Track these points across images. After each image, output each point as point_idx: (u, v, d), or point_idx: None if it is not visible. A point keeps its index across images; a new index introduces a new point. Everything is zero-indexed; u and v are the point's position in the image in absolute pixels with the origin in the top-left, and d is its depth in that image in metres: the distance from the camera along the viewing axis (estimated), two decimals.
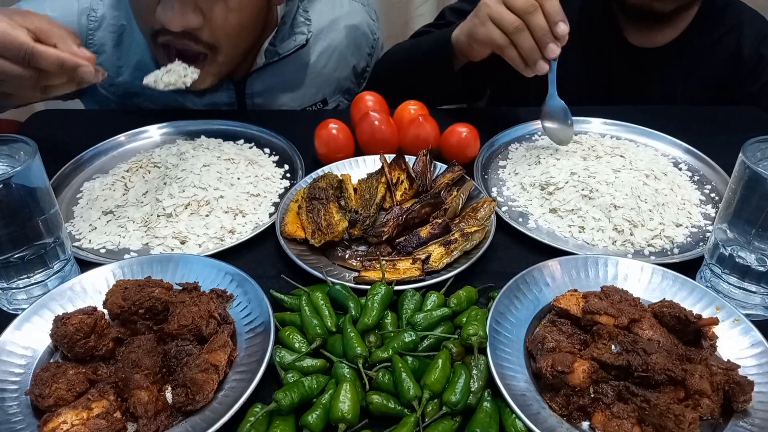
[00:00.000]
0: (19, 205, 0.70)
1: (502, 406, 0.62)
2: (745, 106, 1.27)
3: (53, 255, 0.76)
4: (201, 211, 0.91)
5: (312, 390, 0.63)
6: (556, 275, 0.76)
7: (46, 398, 0.61)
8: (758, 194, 0.69)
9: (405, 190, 0.92)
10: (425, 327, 0.70)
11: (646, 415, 0.59)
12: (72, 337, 0.65)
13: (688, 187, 0.99)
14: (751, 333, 0.69)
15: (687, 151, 1.08)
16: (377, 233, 0.84)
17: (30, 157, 0.70)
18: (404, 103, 1.10)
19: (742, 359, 0.66)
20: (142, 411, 0.60)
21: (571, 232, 0.89)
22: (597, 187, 0.93)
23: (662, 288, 0.76)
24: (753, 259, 0.72)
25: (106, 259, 0.83)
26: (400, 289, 0.75)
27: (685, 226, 0.91)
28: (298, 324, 0.72)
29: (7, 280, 0.74)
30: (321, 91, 1.32)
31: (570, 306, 0.70)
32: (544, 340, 0.66)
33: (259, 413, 0.60)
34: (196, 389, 0.61)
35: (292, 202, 0.91)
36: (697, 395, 0.60)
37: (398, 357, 0.65)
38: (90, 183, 1.00)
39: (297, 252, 0.82)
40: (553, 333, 0.67)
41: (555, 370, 0.61)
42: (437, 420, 0.61)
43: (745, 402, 0.61)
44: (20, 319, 0.70)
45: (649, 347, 0.63)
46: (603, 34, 1.26)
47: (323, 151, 1.04)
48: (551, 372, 0.62)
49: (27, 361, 0.67)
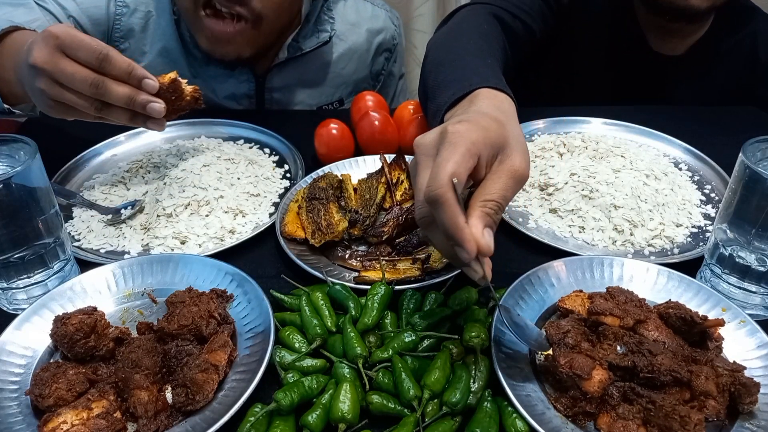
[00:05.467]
0: (19, 205, 0.70)
1: (502, 406, 0.62)
2: (745, 106, 1.27)
3: (53, 255, 0.76)
4: (201, 211, 0.91)
5: (312, 390, 0.63)
6: (561, 276, 0.76)
7: (46, 398, 0.61)
8: (758, 194, 0.69)
9: (405, 190, 0.92)
10: (425, 327, 0.70)
11: (651, 416, 0.59)
12: (72, 337, 0.65)
13: (689, 187, 0.99)
14: (757, 334, 0.68)
15: (687, 151, 1.08)
16: (377, 233, 0.84)
17: (30, 157, 0.70)
18: (404, 103, 1.10)
19: (748, 360, 0.66)
20: (142, 411, 0.60)
21: (571, 232, 0.89)
22: (597, 187, 0.93)
23: (668, 289, 0.76)
24: (753, 259, 0.72)
25: (106, 259, 0.83)
26: (400, 289, 0.75)
27: (685, 226, 0.91)
28: (298, 324, 0.72)
29: (7, 280, 0.74)
30: (338, 91, 1.35)
31: (575, 307, 0.70)
32: (567, 333, 0.64)
33: (259, 413, 0.60)
34: (196, 389, 0.61)
35: (292, 202, 0.91)
36: (702, 396, 0.60)
37: (398, 357, 0.65)
38: (90, 183, 1.00)
39: (297, 252, 0.82)
40: (576, 330, 0.66)
41: (573, 372, 0.60)
42: (437, 420, 0.61)
43: (751, 403, 0.61)
44: (20, 319, 0.70)
45: (655, 348, 0.62)
46: (627, 41, 1.26)
47: (323, 151, 1.04)
48: (568, 372, 0.61)
49: (27, 361, 0.67)
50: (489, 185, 0.60)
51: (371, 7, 1.37)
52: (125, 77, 0.80)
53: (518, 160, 0.62)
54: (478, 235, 0.57)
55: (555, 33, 1.23)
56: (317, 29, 1.26)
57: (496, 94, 0.74)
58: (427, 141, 0.62)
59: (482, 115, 0.66)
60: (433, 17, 2.29)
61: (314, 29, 1.26)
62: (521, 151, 0.63)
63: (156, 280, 0.78)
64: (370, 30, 1.35)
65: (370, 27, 1.35)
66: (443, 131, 0.61)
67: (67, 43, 0.76)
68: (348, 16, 1.32)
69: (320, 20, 1.27)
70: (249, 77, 1.26)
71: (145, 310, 0.75)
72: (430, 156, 0.61)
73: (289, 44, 1.23)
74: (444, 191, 0.56)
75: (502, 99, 0.74)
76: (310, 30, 1.26)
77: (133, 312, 0.75)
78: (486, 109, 0.70)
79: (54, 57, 0.77)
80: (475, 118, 0.64)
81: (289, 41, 1.22)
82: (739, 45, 1.26)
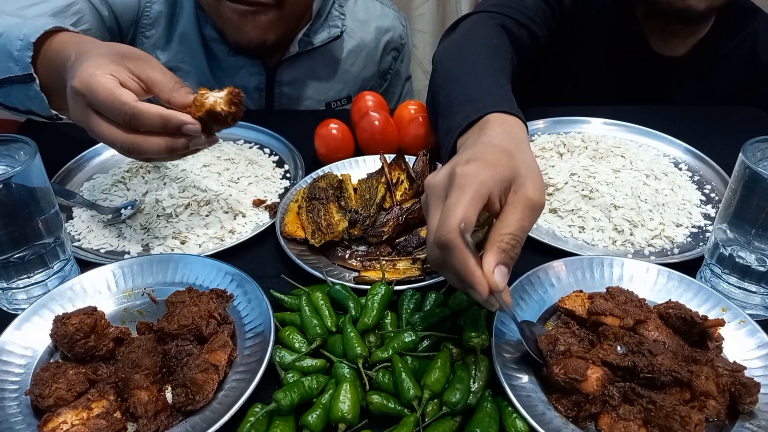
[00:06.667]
0: (19, 205, 0.70)
1: (502, 405, 0.62)
2: (745, 106, 1.27)
3: (53, 255, 0.76)
4: (201, 211, 0.91)
5: (312, 390, 0.63)
6: (561, 276, 0.76)
7: (46, 398, 0.61)
8: (758, 194, 0.69)
9: (405, 190, 0.92)
10: (425, 327, 0.70)
11: (652, 416, 0.59)
12: (72, 337, 0.65)
13: (689, 187, 0.99)
14: (758, 334, 0.68)
15: (687, 151, 1.08)
16: (377, 233, 0.84)
17: (30, 157, 0.70)
18: (404, 103, 1.11)
19: (748, 360, 0.66)
20: (142, 411, 0.60)
21: (571, 232, 0.89)
22: (597, 187, 0.93)
23: (668, 289, 0.76)
24: (753, 259, 0.72)
25: (106, 259, 0.83)
26: (400, 289, 0.75)
27: (685, 226, 0.91)
28: (298, 324, 0.72)
29: (7, 280, 0.74)
30: (347, 87, 1.37)
31: (575, 307, 0.70)
32: (556, 342, 0.65)
33: (259, 413, 0.60)
34: (196, 389, 0.61)
35: (292, 202, 0.91)
36: (703, 396, 0.60)
37: (398, 357, 0.65)
38: (90, 183, 1.00)
39: (297, 252, 0.82)
40: (565, 335, 0.67)
41: (568, 377, 0.61)
42: (437, 420, 0.61)
43: (751, 404, 0.61)
44: (20, 319, 0.70)
45: (655, 348, 0.62)
46: (628, 42, 1.27)
47: (323, 151, 1.04)
48: (564, 378, 0.61)
49: (27, 361, 0.67)
50: (505, 218, 0.61)
51: (380, 5, 1.40)
52: (160, 130, 0.71)
53: (531, 189, 0.62)
54: (489, 274, 0.58)
55: (557, 35, 1.23)
56: (328, 24, 1.28)
57: (507, 119, 0.74)
58: (437, 182, 0.63)
59: (491, 148, 0.66)
60: (433, 17, 2.29)
61: (325, 24, 1.28)
62: (533, 179, 0.63)
63: (156, 280, 0.78)
64: (378, 28, 1.37)
65: (379, 25, 1.38)
66: (452, 173, 0.61)
67: (92, 102, 0.70)
68: (358, 14, 1.35)
69: (331, 16, 1.29)
70: (260, 70, 1.27)
71: (145, 310, 0.75)
72: (440, 198, 0.62)
73: (300, 39, 1.25)
74: (453, 237, 0.57)
75: (513, 124, 0.74)
76: (321, 25, 1.28)
77: (133, 312, 0.75)
78: (496, 140, 0.70)
79: (85, 116, 0.72)
80: (483, 155, 0.64)
81: (300, 36, 1.25)
82: (740, 46, 1.26)
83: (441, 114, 0.87)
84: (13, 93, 0.86)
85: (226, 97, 0.73)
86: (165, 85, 0.73)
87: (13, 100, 0.88)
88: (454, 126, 0.78)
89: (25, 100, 0.86)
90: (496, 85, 0.85)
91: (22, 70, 0.82)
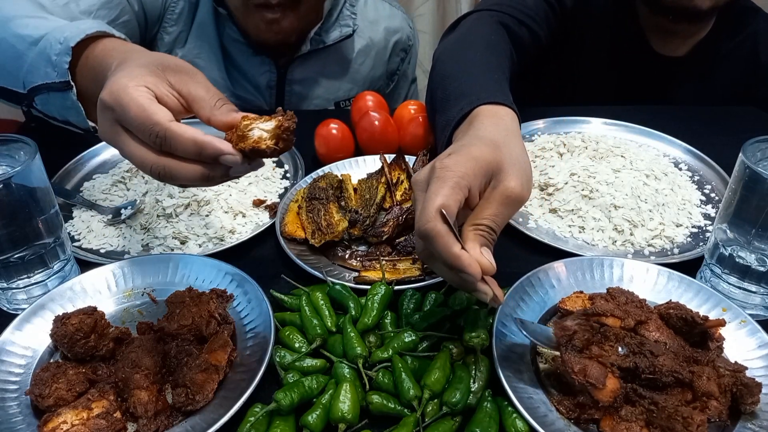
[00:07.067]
0: (19, 205, 0.70)
1: (502, 406, 0.62)
2: (745, 106, 1.27)
3: (53, 255, 0.76)
4: (201, 211, 0.91)
5: (312, 390, 0.63)
6: (561, 277, 0.76)
7: (46, 398, 0.61)
8: (758, 194, 0.69)
9: (405, 190, 0.92)
10: (425, 327, 0.70)
11: (654, 417, 0.59)
12: (72, 337, 0.65)
13: (689, 187, 0.99)
14: (758, 334, 0.68)
15: (687, 151, 1.08)
16: (377, 233, 0.84)
17: (30, 157, 0.70)
18: (404, 103, 1.11)
19: (750, 361, 0.66)
20: (142, 411, 0.60)
21: (571, 232, 0.89)
22: (597, 187, 0.93)
23: (668, 289, 0.75)
24: (753, 259, 0.72)
25: (106, 259, 0.83)
26: (400, 289, 0.75)
27: (685, 226, 0.91)
28: (298, 324, 0.72)
29: (7, 280, 0.74)
30: (356, 87, 1.39)
31: (576, 308, 0.70)
32: (574, 334, 0.63)
33: (259, 413, 0.60)
34: (196, 389, 0.61)
35: (292, 202, 0.91)
36: (704, 397, 0.60)
37: (398, 357, 0.65)
38: (90, 183, 1.00)
39: (297, 252, 0.82)
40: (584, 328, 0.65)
41: (587, 381, 0.60)
42: (437, 420, 0.61)
43: (753, 404, 0.61)
44: (20, 319, 0.70)
45: (656, 349, 0.62)
46: (629, 42, 1.27)
47: (323, 151, 1.04)
48: (581, 380, 0.60)
49: (27, 361, 0.67)
50: (479, 211, 0.61)
51: (389, 6, 1.42)
52: (194, 157, 0.61)
53: (512, 184, 0.61)
54: (477, 255, 0.57)
55: (558, 35, 1.23)
56: (340, 23, 1.30)
57: (497, 111, 0.74)
58: (420, 178, 0.63)
59: (476, 141, 0.66)
60: (433, 17, 2.30)
61: (337, 24, 1.30)
62: (517, 173, 0.62)
63: (156, 280, 0.78)
64: (387, 29, 1.39)
65: (388, 26, 1.40)
66: (432, 167, 0.62)
67: (121, 118, 0.60)
68: (368, 14, 1.37)
69: (342, 15, 1.31)
70: (271, 68, 1.29)
71: (145, 310, 0.75)
72: (423, 191, 0.61)
73: (312, 37, 1.27)
74: (432, 225, 0.57)
75: (503, 115, 0.74)
76: (333, 24, 1.30)
77: (133, 312, 0.75)
78: (483, 132, 0.69)
79: (114, 133, 0.62)
80: (467, 148, 0.64)
81: (312, 35, 1.26)
82: (740, 46, 1.26)
83: (438, 110, 0.87)
84: (51, 101, 0.78)
85: (273, 131, 0.60)
86: (206, 102, 0.63)
87: (51, 109, 0.80)
88: (450, 120, 0.78)
89: (63, 110, 0.79)
90: (490, 79, 0.85)
91: (59, 77, 0.74)
